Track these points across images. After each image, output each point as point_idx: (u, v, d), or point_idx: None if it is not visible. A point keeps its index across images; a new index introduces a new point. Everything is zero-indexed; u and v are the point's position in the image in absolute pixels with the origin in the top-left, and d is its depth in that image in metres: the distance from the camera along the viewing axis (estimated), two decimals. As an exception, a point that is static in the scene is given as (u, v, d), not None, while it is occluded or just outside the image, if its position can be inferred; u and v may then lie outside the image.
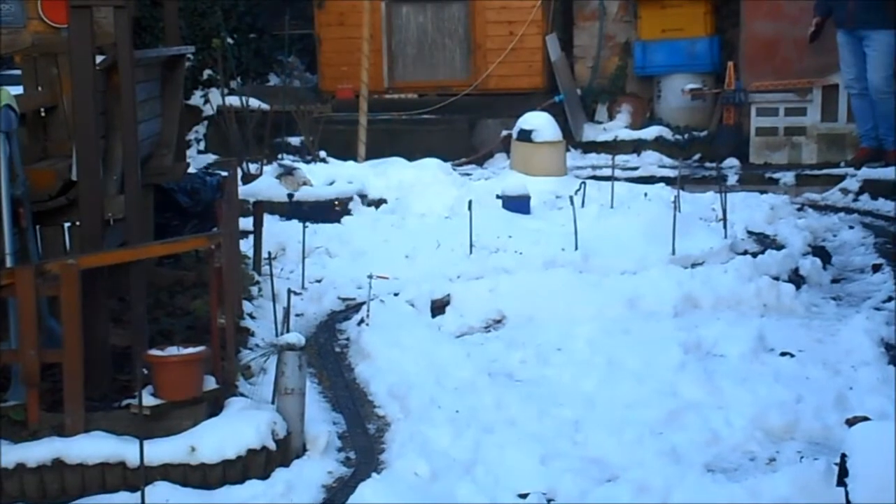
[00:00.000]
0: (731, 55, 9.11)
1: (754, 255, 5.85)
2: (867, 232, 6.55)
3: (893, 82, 7.71)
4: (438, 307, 5.36)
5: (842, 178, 7.72)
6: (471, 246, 6.05)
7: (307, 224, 6.20)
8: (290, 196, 6.85)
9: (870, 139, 7.91)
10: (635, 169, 8.54)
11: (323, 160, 8.02)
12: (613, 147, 8.97)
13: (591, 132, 9.41)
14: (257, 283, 5.49)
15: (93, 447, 3.66)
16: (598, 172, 8.27)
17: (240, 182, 6.18)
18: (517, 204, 6.82)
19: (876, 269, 5.77)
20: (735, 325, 4.94)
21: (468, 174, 8.53)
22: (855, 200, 7.40)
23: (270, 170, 7.33)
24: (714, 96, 9.12)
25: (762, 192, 7.69)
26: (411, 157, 7.97)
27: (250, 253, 5.78)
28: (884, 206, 7.14)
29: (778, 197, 7.46)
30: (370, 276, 5.17)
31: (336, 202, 6.84)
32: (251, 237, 5.79)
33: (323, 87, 9.74)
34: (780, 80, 8.60)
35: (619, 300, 5.28)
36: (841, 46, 7.86)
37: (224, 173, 5.77)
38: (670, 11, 9.23)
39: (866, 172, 7.62)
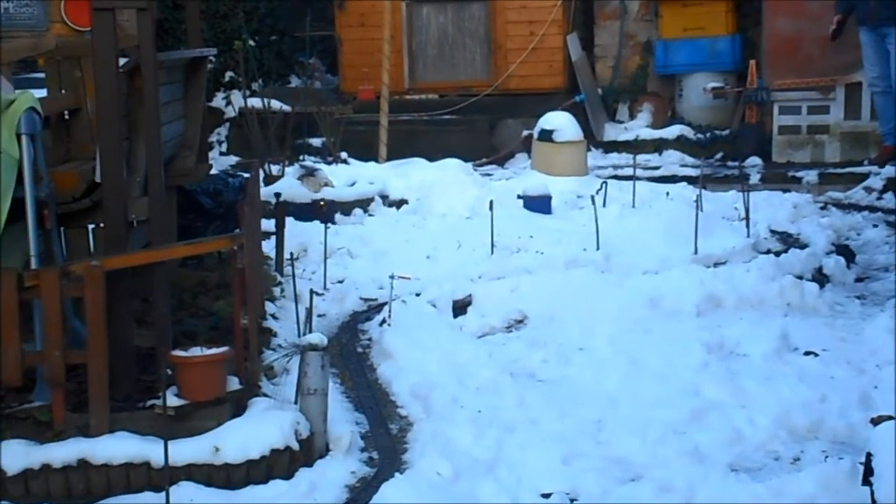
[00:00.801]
0: (752, 53, 9.07)
1: (777, 254, 5.82)
2: (891, 230, 6.51)
3: (917, 80, 7.65)
4: (460, 307, 5.36)
5: (865, 176, 7.67)
6: (492, 246, 6.05)
7: (329, 224, 6.21)
8: (320, 202, 6.77)
9: (893, 137, 7.85)
10: (657, 168, 8.51)
11: (344, 161, 8.05)
12: (635, 147, 8.95)
13: (612, 132, 9.39)
14: (279, 283, 5.52)
15: (117, 448, 3.68)
16: (620, 172, 8.25)
17: (262, 183, 6.20)
18: (538, 204, 6.81)
19: (900, 267, 5.74)
20: (758, 325, 4.92)
21: (489, 174, 8.53)
22: (879, 199, 7.35)
23: (292, 171, 7.36)
24: (736, 95, 9.09)
25: (785, 190, 7.65)
26: (432, 157, 7.98)
27: (272, 254, 5.80)
28: (907, 204, 7.10)
29: (801, 196, 7.42)
30: (392, 277, 5.18)
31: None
32: (273, 238, 5.81)
33: (344, 89, 9.77)
34: (803, 79, 8.56)
35: (641, 300, 5.27)
36: (864, 44, 7.81)
37: (246, 175, 5.79)
38: (691, 10, 9.20)
39: (890, 171, 7.57)
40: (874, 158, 7.99)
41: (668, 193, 7.07)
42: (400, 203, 7.24)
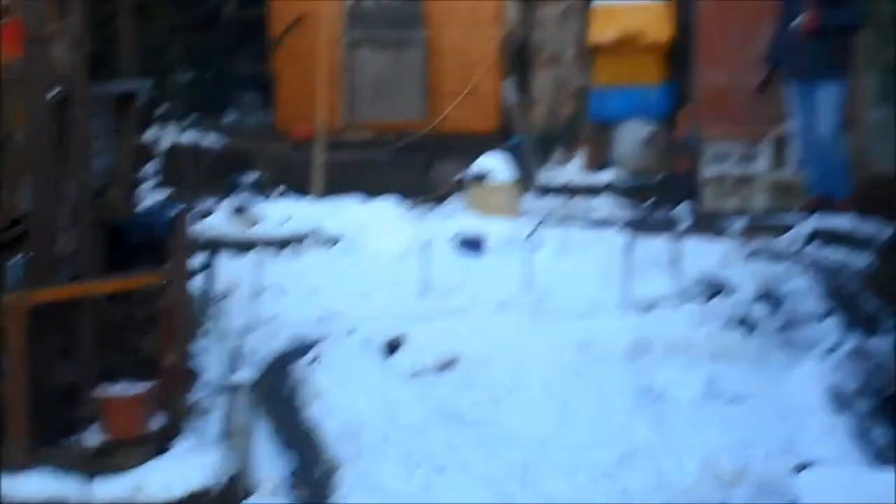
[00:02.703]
0: (684, 102, 9.25)
1: (705, 300, 5.91)
2: (815, 279, 6.63)
3: (841, 132, 7.85)
4: (392, 347, 5.34)
5: (791, 226, 7.81)
6: (426, 286, 6.05)
7: (261, 261, 6.16)
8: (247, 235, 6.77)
9: (818, 188, 8.02)
10: (589, 213, 8.60)
11: (279, 198, 8.01)
12: (568, 191, 9.04)
13: (546, 175, 9.48)
14: (208, 320, 5.44)
15: (37, 485, 3.59)
16: (553, 215, 8.32)
17: (193, 219, 6.13)
18: (472, 245, 6.84)
19: (824, 316, 5.85)
20: (686, 370, 4.98)
21: (424, 214, 8.54)
22: (804, 248, 7.50)
23: (225, 207, 7.30)
24: (668, 142, 9.25)
25: (714, 238, 7.77)
26: (368, 196, 7.98)
27: (202, 290, 5.73)
28: (832, 254, 7.24)
29: (729, 243, 7.54)
30: (323, 315, 5.14)
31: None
32: (203, 274, 5.74)
33: (280, 125, 9.73)
34: (732, 128, 8.74)
35: (572, 343, 5.30)
36: (791, 96, 8.00)
37: (177, 210, 5.72)
38: (625, 59, 9.36)
39: (815, 221, 7.71)
40: (800, 208, 8.16)
41: (599, 238, 7.15)
42: (334, 241, 7.22)
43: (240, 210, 7.14)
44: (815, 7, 7.57)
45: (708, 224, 8.27)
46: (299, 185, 8.38)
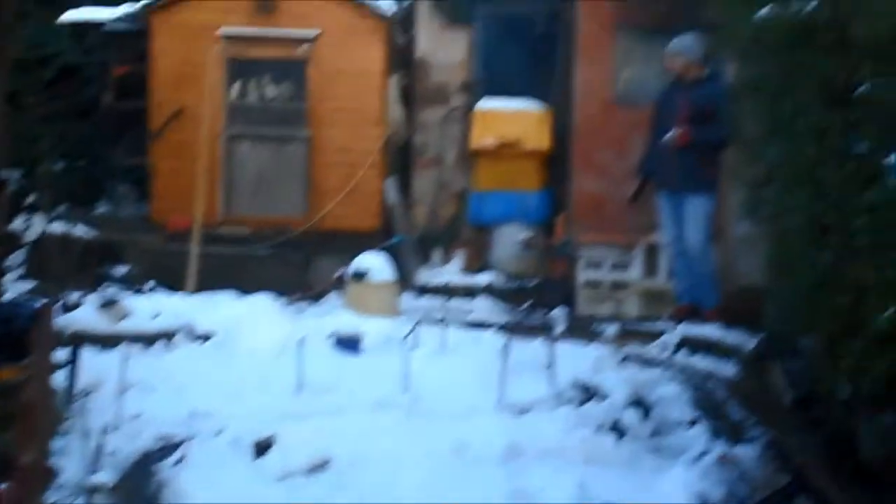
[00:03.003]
0: (561, 209, 9.47)
1: (578, 404, 5.96)
2: (684, 387, 6.76)
3: (709, 244, 8.12)
4: (262, 447, 5.19)
5: (661, 333, 7.98)
6: (300, 384, 5.94)
7: (128, 357, 5.95)
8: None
9: (687, 297, 8.24)
10: (467, 314, 8.63)
11: (150, 292, 7.81)
12: (447, 291, 9.09)
13: (425, 276, 9.52)
14: (70, 418, 5.21)
15: None
16: (431, 316, 8.32)
17: (59, 312, 5.91)
18: (349, 343, 6.77)
19: (692, 423, 5.95)
20: (559, 474, 4.98)
21: (301, 311, 8.44)
22: (673, 355, 7.65)
23: (92, 300, 7.08)
24: (545, 247, 9.42)
25: (587, 342, 7.87)
26: (244, 291, 7.86)
27: (64, 386, 5.49)
28: (700, 362, 7.42)
29: (602, 348, 7.65)
30: (191, 414, 4.98)
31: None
32: (67, 369, 5.52)
33: (155, 218, 9.55)
34: (606, 236, 8.97)
35: (447, 445, 5.25)
36: (661, 207, 8.24)
37: (42, 302, 5.51)
38: (505, 164, 9.55)
39: (684, 329, 7.90)
40: (670, 316, 8.35)
41: (477, 339, 7.17)
42: (206, 337, 7.05)
43: (108, 304, 6.93)
44: (685, 123, 7.90)
45: (582, 329, 8.40)
46: (173, 280, 8.21)
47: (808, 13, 3.90)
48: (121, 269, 8.42)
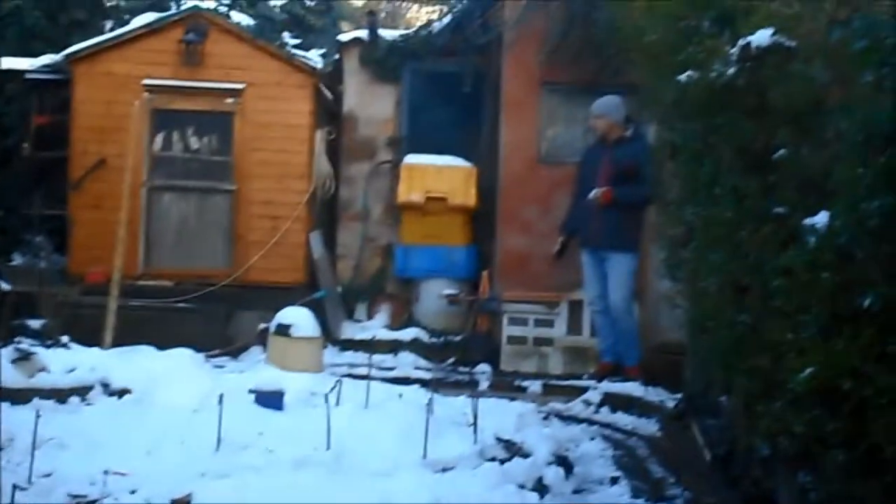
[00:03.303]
0: (486, 264, 9.51)
1: (502, 462, 5.93)
2: (607, 444, 6.79)
3: (632, 302, 8.21)
4: (178, 508, 5.05)
5: (584, 389, 8.02)
6: (219, 441, 5.81)
7: (41, 413, 5.77)
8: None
9: (610, 354, 8.31)
10: (392, 369, 8.59)
11: (65, 346, 7.61)
12: (371, 346, 9.02)
13: (349, 330, 9.46)
14: (-23, 476, 5.01)
15: None
16: (355, 371, 8.25)
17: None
18: (271, 399, 6.66)
19: (614, 481, 5.96)
20: (482, 533, 4.93)
21: (222, 366, 8.31)
22: (596, 412, 7.69)
23: (6, 353, 6.86)
24: (469, 303, 9.44)
25: (511, 399, 7.88)
26: (163, 346, 7.70)
27: (-28, 442, 5.30)
28: (622, 419, 7.47)
29: (526, 405, 7.65)
30: (106, 472, 4.84)
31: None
32: (-25, 425, 5.33)
33: (73, 270, 9.36)
34: (530, 292, 9.03)
35: (370, 503, 5.17)
36: (585, 265, 8.33)
37: (-48, 354, 5.33)
38: (431, 219, 9.59)
39: (607, 386, 7.95)
40: (593, 373, 8.41)
41: (401, 395, 7.12)
42: (122, 392, 6.87)
43: (22, 357, 6.72)
44: (608, 182, 8.02)
45: (506, 384, 8.41)
46: (90, 334, 8.01)
47: (728, 77, 4.00)
48: (36, 322, 8.21)
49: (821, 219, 3.04)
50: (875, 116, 2.80)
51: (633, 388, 7.82)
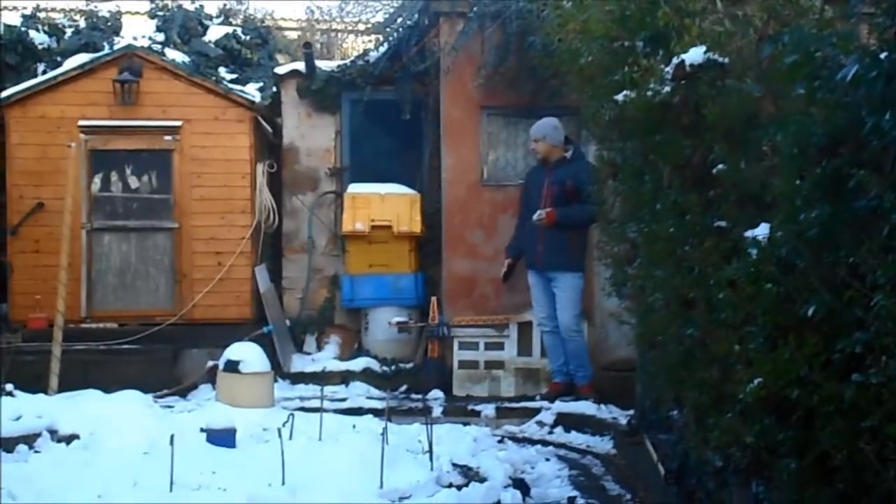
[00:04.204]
0: (434, 290, 9.52)
1: (459, 487, 5.91)
2: (562, 464, 6.81)
3: (581, 321, 8.26)
4: (132, 553, 4.96)
5: (538, 410, 8.04)
6: (171, 483, 5.72)
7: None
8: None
9: (561, 374, 8.35)
10: (344, 400, 8.54)
11: (9, 394, 7.45)
12: (322, 378, 8.97)
13: (299, 363, 9.39)
14: (-78, 532, 4.89)
15: None
16: (307, 403, 8.19)
17: None
18: (222, 437, 6.57)
19: (571, 501, 5.97)
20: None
21: (170, 406, 8.19)
22: (550, 433, 7.71)
23: (-54, 403, 6.70)
24: (419, 329, 9.43)
25: (465, 423, 7.87)
26: (109, 389, 7.58)
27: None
28: (576, 438, 7.50)
29: (480, 429, 7.65)
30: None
31: None
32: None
33: (14, 317, 9.19)
34: (479, 316, 9.04)
35: (327, 539, 5.12)
36: (532, 286, 8.38)
37: None
38: (376, 247, 9.58)
39: (560, 406, 7.99)
40: (545, 394, 8.44)
41: (354, 426, 7.07)
42: (70, 438, 6.74)
43: (-35, 407, 6.57)
44: (551, 203, 8.09)
45: (460, 410, 8.40)
46: (34, 380, 7.85)
47: (664, 95, 4.05)
48: (-23, 371, 8.03)
49: (761, 231, 3.08)
50: (809, 128, 2.86)
51: (585, 407, 7.86)
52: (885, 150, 2.55)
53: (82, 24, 11.87)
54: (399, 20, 10.16)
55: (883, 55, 2.53)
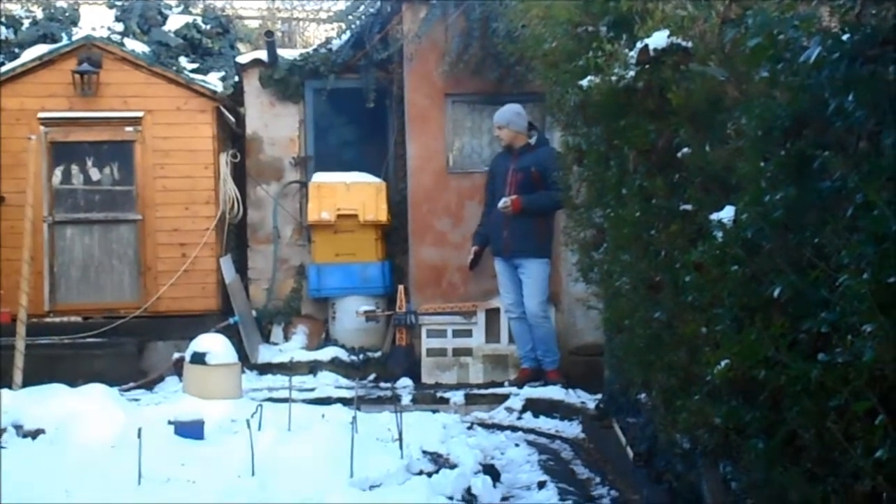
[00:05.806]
0: (401, 279, 9.51)
1: (430, 475, 5.92)
2: (532, 449, 6.84)
3: (548, 307, 8.30)
4: (101, 547, 4.92)
5: (506, 396, 8.07)
6: (140, 476, 5.68)
7: (-49, 461, 5.58)
8: None
9: (529, 360, 8.39)
10: (312, 390, 8.52)
11: (-27, 389, 7.37)
12: (290, 368, 8.95)
13: (267, 354, 9.36)
14: None
15: None
16: (275, 394, 8.17)
17: None
18: (190, 430, 6.53)
19: (541, 485, 6.00)
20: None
21: (137, 399, 8.13)
22: (519, 418, 7.74)
23: None
24: (387, 318, 9.42)
25: (434, 411, 7.88)
26: (74, 382, 7.50)
27: None
28: (545, 423, 7.53)
29: (449, 416, 7.67)
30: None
31: None
32: None
33: (-24, 311, 9.08)
34: (447, 304, 9.05)
35: (298, 529, 5.10)
36: (499, 273, 8.40)
37: None
38: (342, 237, 9.55)
39: (528, 392, 8.02)
40: (514, 380, 8.47)
41: (323, 415, 7.05)
42: (36, 433, 6.67)
43: (-73, 404, 6.48)
44: (516, 189, 8.10)
45: (429, 397, 8.41)
46: (-2, 374, 7.78)
47: (628, 80, 4.06)
48: (-60, 367, 7.93)
49: (727, 213, 3.10)
50: (773, 111, 2.88)
51: (554, 392, 7.89)
52: (848, 131, 2.57)
53: (40, 14, 11.72)
54: (361, 7, 10.11)
55: (845, 37, 2.55)
